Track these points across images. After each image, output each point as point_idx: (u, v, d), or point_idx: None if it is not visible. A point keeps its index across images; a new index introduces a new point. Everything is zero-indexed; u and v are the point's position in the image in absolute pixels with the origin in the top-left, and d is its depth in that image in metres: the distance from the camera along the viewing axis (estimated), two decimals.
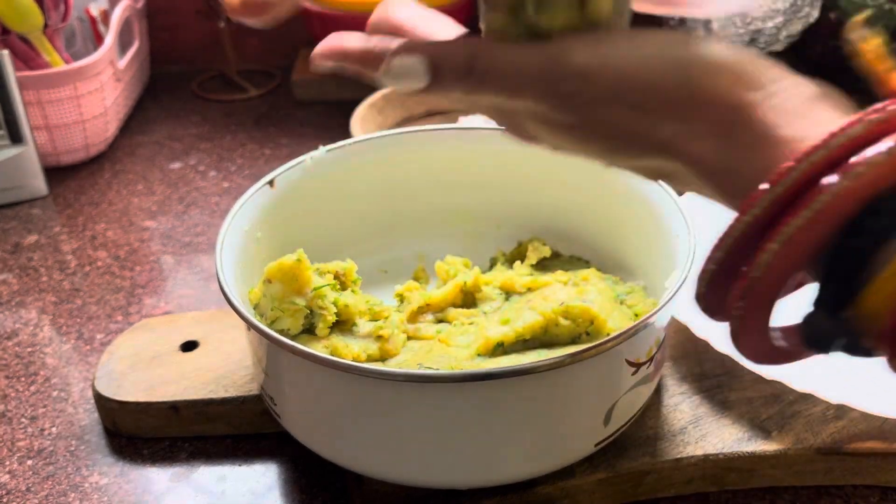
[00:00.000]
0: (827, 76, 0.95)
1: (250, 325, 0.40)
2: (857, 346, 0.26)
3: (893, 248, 0.24)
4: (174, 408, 0.50)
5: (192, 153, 0.87)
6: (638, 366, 0.42)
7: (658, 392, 0.49)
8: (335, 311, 0.46)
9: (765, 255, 0.25)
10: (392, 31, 0.37)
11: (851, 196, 0.24)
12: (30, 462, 0.50)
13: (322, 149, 0.54)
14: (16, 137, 0.75)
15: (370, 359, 0.45)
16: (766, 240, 0.25)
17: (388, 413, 0.40)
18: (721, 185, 0.28)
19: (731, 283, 0.27)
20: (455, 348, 0.45)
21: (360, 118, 0.78)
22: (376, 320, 0.47)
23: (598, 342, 0.38)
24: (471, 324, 0.47)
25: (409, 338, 0.47)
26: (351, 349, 0.44)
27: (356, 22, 1.02)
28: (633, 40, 0.29)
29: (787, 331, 0.29)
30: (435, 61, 0.31)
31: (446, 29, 0.35)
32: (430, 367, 0.43)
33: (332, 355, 0.42)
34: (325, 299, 0.45)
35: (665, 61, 0.28)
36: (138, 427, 0.51)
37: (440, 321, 0.49)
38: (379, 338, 0.45)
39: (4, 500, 0.47)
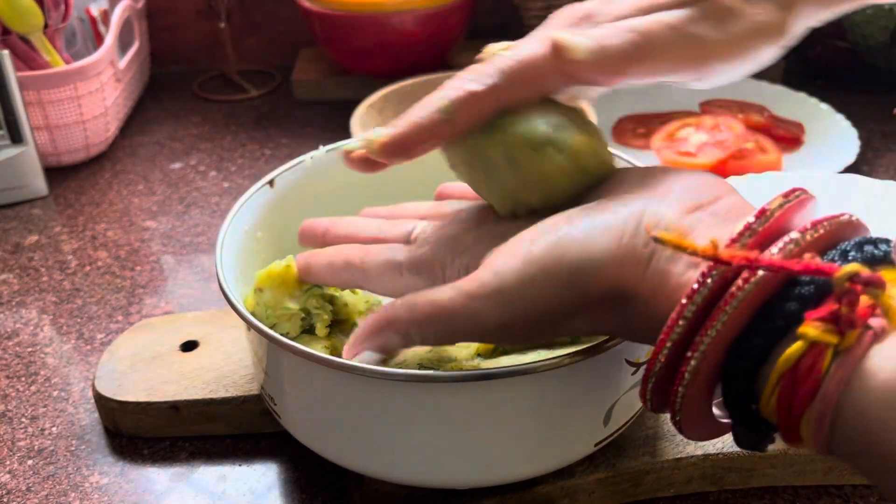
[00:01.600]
0: (827, 76, 0.95)
1: (250, 325, 0.40)
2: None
3: (766, 373, 0.29)
4: (174, 408, 0.50)
5: (193, 153, 0.87)
6: (638, 366, 0.42)
7: None
8: (331, 309, 0.46)
9: (680, 390, 0.31)
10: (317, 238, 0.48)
11: (717, 347, 0.29)
12: (30, 462, 0.50)
13: (322, 149, 0.54)
14: (16, 137, 0.76)
15: None
16: (677, 381, 0.30)
17: (388, 413, 0.40)
18: (637, 340, 0.36)
19: (667, 392, 0.32)
20: (455, 348, 0.45)
21: (360, 118, 0.78)
22: None
23: (598, 342, 0.38)
24: None
25: None
26: None
27: (356, 22, 1.03)
28: (523, 272, 0.34)
29: (723, 406, 0.32)
30: (379, 348, 0.37)
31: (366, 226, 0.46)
32: (430, 367, 0.43)
33: (332, 355, 0.42)
34: (319, 299, 0.45)
35: (557, 287, 0.33)
36: (138, 427, 0.51)
37: None
38: None
39: (4, 499, 0.47)
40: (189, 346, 0.54)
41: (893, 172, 0.78)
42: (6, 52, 0.73)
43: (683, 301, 0.30)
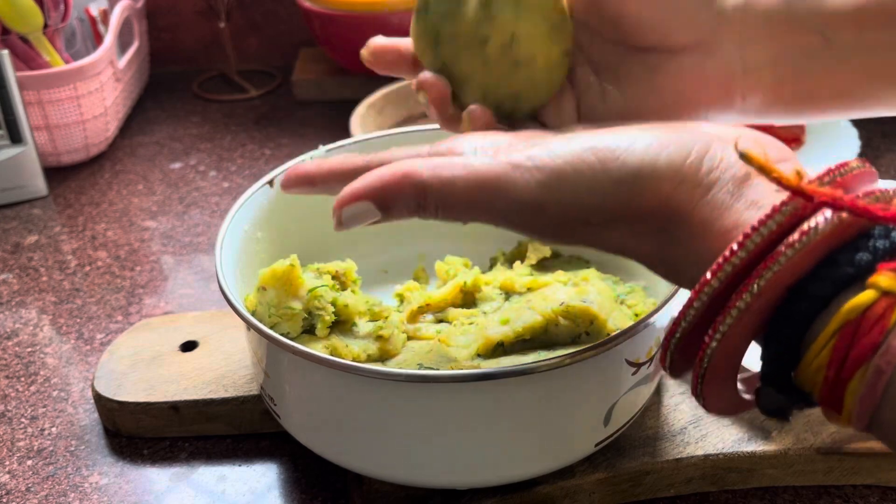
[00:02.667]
0: None
1: (250, 326, 0.40)
2: (810, 407, 0.28)
3: (817, 328, 0.26)
4: (174, 408, 0.50)
5: (193, 153, 0.87)
6: (638, 366, 0.42)
7: (658, 392, 0.49)
8: (333, 310, 0.46)
9: (713, 344, 0.28)
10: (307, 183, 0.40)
11: (773, 287, 0.27)
12: (30, 462, 0.50)
13: (322, 149, 0.54)
14: (16, 137, 0.75)
15: (370, 359, 0.45)
16: (712, 330, 0.28)
17: (388, 413, 0.40)
18: (668, 276, 0.32)
19: (695, 349, 0.29)
20: (455, 348, 0.45)
21: (360, 118, 0.78)
22: (376, 320, 0.47)
23: (598, 342, 0.38)
24: (471, 324, 0.47)
25: (409, 338, 0.47)
26: (351, 349, 0.44)
27: (356, 22, 1.03)
28: (577, 161, 0.31)
29: (749, 382, 0.31)
30: (384, 202, 0.32)
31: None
32: (430, 367, 0.43)
33: (332, 355, 0.42)
34: (322, 300, 0.45)
35: (608, 183, 0.30)
36: (138, 427, 0.51)
37: (440, 321, 0.49)
38: (379, 338, 0.45)
39: (4, 500, 0.47)
40: (189, 346, 0.54)
41: (894, 172, 0.78)
42: (6, 51, 0.73)
43: (748, 231, 0.27)
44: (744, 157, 0.27)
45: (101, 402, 0.51)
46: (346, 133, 0.77)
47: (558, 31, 0.38)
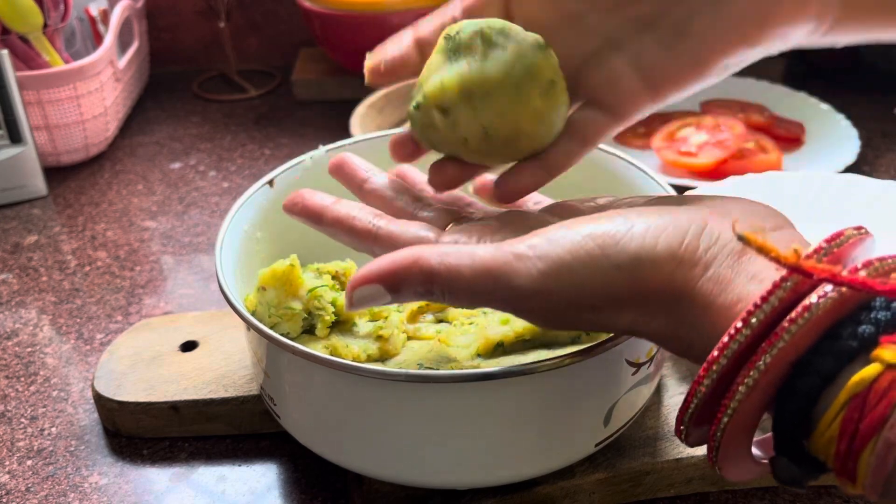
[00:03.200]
0: (827, 76, 0.95)
1: (250, 326, 0.40)
2: (825, 474, 0.29)
3: (826, 401, 0.27)
4: (174, 408, 0.50)
5: (192, 153, 0.87)
6: (638, 366, 0.42)
7: (658, 392, 0.49)
8: (333, 310, 0.46)
9: (724, 420, 0.29)
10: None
11: (778, 364, 0.27)
12: (29, 462, 0.50)
13: (322, 149, 0.54)
14: (16, 137, 0.75)
15: (370, 359, 0.45)
16: (722, 407, 0.29)
17: (388, 413, 0.40)
18: (678, 352, 0.32)
19: (708, 420, 0.30)
20: (455, 348, 0.45)
21: (360, 118, 0.78)
22: (376, 320, 0.47)
23: (598, 342, 0.38)
24: (471, 324, 0.47)
25: (409, 338, 0.47)
26: (351, 349, 0.44)
27: (356, 22, 1.03)
28: (579, 250, 0.32)
29: (764, 445, 0.31)
30: (394, 286, 0.33)
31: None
32: (430, 367, 0.43)
33: (332, 355, 0.42)
34: (322, 300, 0.45)
35: (609, 268, 0.31)
36: (138, 427, 0.51)
37: (440, 321, 0.49)
38: (379, 338, 0.45)
39: (4, 500, 0.47)
40: (189, 346, 0.54)
41: (894, 172, 0.78)
42: (5, 51, 0.73)
43: (751, 308, 0.28)
44: (742, 239, 0.28)
45: (101, 402, 0.51)
46: (346, 133, 0.77)
47: (541, 95, 0.39)
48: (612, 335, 0.39)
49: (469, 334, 0.45)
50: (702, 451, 0.45)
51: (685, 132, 0.80)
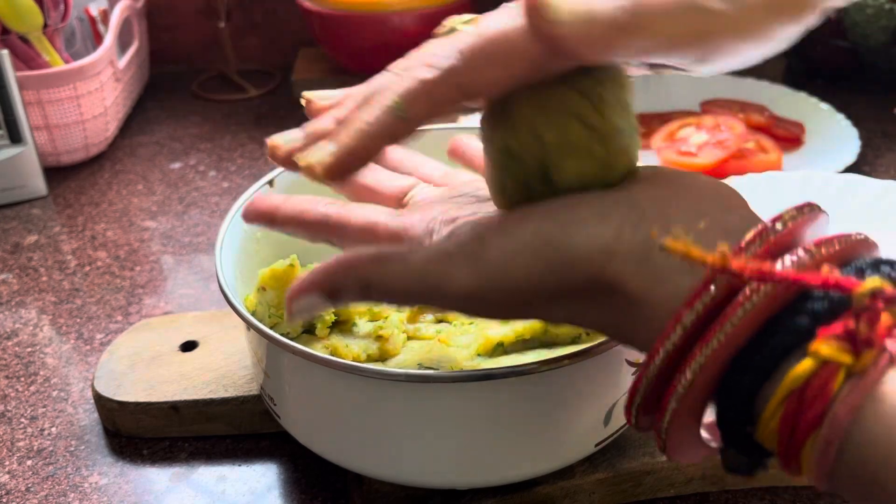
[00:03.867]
0: (827, 76, 0.95)
1: (250, 325, 0.40)
2: (772, 459, 0.28)
3: (766, 394, 0.27)
4: (174, 408, 0.50)
5: (192, 153, 0.87)
6: (638, 366, 0.42)
7: None
8: (333, 310, 0.46)
9: (666, 417, 0.29)
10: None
11: (714, 362, 0.27)
12: (29, 462, 0.50)
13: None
14: (16, 137, 0.75)
15: (370, 359, 0.45)
16: (662, 405, 0.28)
17: (388, 413, 0.40)
18: (620, 340, 0.33)
19: (654, 413, 0.30)
20: (455, 348, 0.45)
21: None
22: (376, 320, 0.47)
23: (598, 342, 0.38)
24: (471, 324, 0.47)
25: (409, 338, 0.47)
26: (351, 349, 0.44)
27: (356, 22, 1.03)
28: (508, 245, 0.31)
29: (712, 428, 0.30)
30: (332, 293, 0.34)
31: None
32: (430, 367, 0.43)
33: (332, 355, 0.42)
34: None
35: (542, 268, 0.30)
36: (138, 427, 0.51)
37: (440, 321, 0.49)
38: (379, 338, 0.45)
39: (4, 500, 0.47)
40: (189, 346, 0.54)
41: (894, 172, 0.78)
42: (6, 51, 0.72)
43: (682, 308, 0.27)
44: (664, 249, 0.27)
45: (101, 402, 0.51)
46: None
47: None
48: (613, 338, 0.39)
49: (469, 334, 0.45)
50: None
51: (685, 132, 0.80)
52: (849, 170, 0.73)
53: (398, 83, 0.31)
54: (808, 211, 0.29)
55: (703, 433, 0.31)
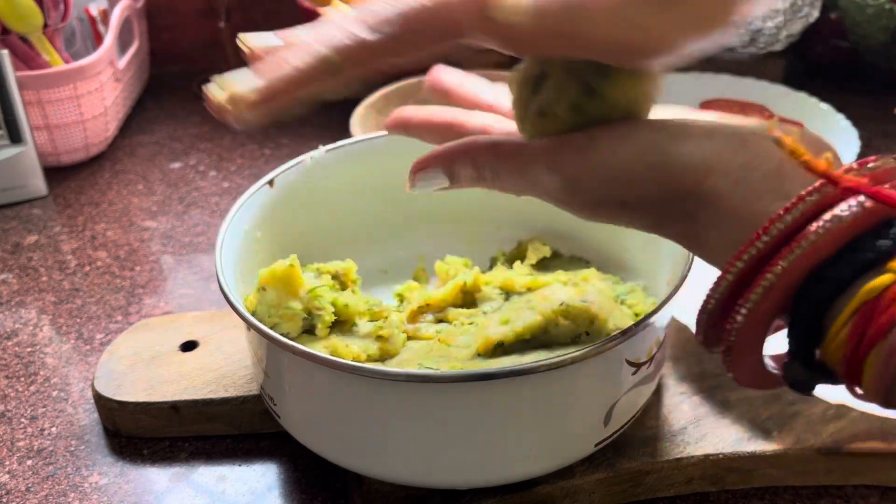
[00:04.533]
0: (827, 76, 0.95)
1: (250, 325, 0.40)
2: (836, 384, 0.30)
3: (838, 308, 0.28)
4: (174, 408, 0.50)
5: (192, 153, 0.87)
6: (638, 366, 0.42)
7: (658, 392, 0.49)
8: (333, 311, 0.46)
9: (739, 318, 0.30)
10: (442, 94, 0.45)
11: (797, 269, 0.28)
12: (29, 462, 0.50)
13: (322, 149, 0.54)
14: (16, 137, 0.75)
15: (370, 359, 0.45)
16: (739, 306, 0.30)
17: (388, 413, 0.40)
18: (700, 254, 0.33)
19: (725, 323, 0.31)
20: (455, 348, 0.45)
21: (360, 118, 0.78)
22: (376, 320, 0.47)
23: (598, 342, 0.38)
24: (471, 324, 0.47)
25: (409, 338, 0.47)
26: (351, 349, 0.44)
27: None
28: (617, 145, 0.33)
29: (778, 359, 0.32)
30: (449, 170, 0.37)
31: (486, 91, 0.43)
32: (430, 367, 0.43)
33: (332, 355, 0.42)
34: (322, 300, 0.45)
35: (644, 166, 0.32)
36: (138, 427, 0.51)
37: (440, 321, 0.49)
38: (379, 338, 0.45)
39: (4, 500, 0.47)
40: (189, 346, 0.54)
41: None
42: (5, 51, 0.72)
43: (779, 213, 0.29)
44: (777, 141, 0.28)
45: (101, 402, 0.51)
46: (346, 133, 0.77)
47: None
48: (612, 336, 0.39)
49: (469, 334, 0.45)
50: (702, 450, 0.45)
51: None
52: None
53: (335, 37, 0.33)
54: None
55: (768, 361, 0.32)
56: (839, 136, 0.79)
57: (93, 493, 0.48)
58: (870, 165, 0.29)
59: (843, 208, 0.28)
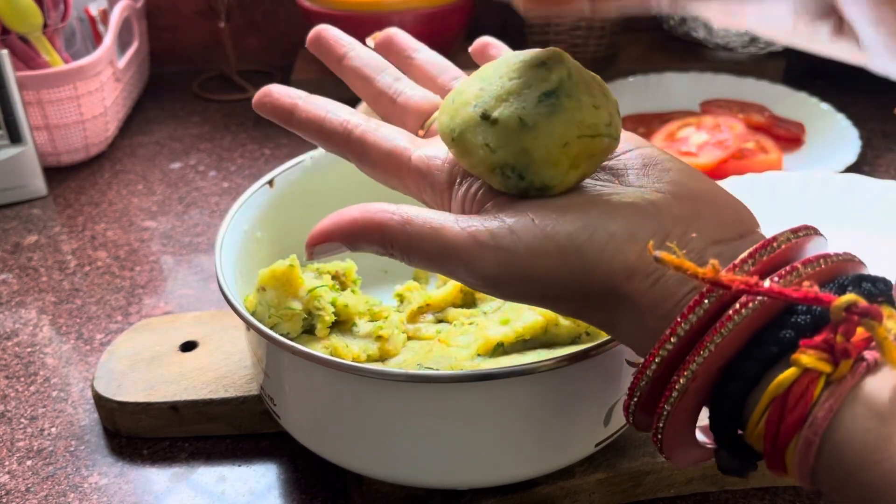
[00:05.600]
0: (827, 76, 0.95)
1: (250, 326, 0.40)
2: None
3: (753, 400, 0.29)
4: (174, 408, 0.50)
5: (192, 153, 0.87)
6: (637, 366, 0.42)
7: None
8: (333, 311, 0.46)
9: (660, 424, 0.31)
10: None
11: (707, 370, 0.29)
12: (29, 462, 0.50)
13: (321, 148, 0.54)
14: (15, 137, 0.75)
15: (370, 359, 0.45)
16: (658, 409, 0.31)
17: (388, 413, 0.40)
18: (622, 341, 0.34)
19: (653, 410, 0.31)
20: (455, 348, 0.45)
21: None
22: (376, 320, 0.47)
23: (598, 342, 0.38)
24: (471, 324, 0.47)
25: (409, 338, 0.47)
26: (351, 349, 0.44)
27: (356, 22, 1.03)
28: (538, 246, 0.32)
29: (709, 433, 0.32)
30: (353, 243, 0.34)
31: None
32: (430, 367, 0.43)
33: (332, 355, 0.42)
34: (322, 300, 0.45)
35: (566, 272, 0.32)
36: (138, 427, 0.51)
37: (440, 321, 0.49)
38: (379, 338, 0.45)
39: (4, 500, 0.47)
40: (188, 346, 0.54)
41: (894, 172, 0.78)
42: (5, 51, 0.72)
43: (678, 319, 0.29)
44: (659, 260, 0.29)
45: (101, 403, 0.51)
46: None
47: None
48: (611, 336, 0.39)
49: (469, 334, 0.45)
50: None
51: (685, 132, 0.80)
52: (849, 170, 0.73)
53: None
54: (804, 234, 0.31)
55: (699, 435, 0.33)
56: (839, 136, 0.79)
57: (92, 493, 0.48)
58: (760, 254, 0.30)
59: (742, 303, 0.28)
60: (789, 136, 0.82)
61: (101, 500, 0.47)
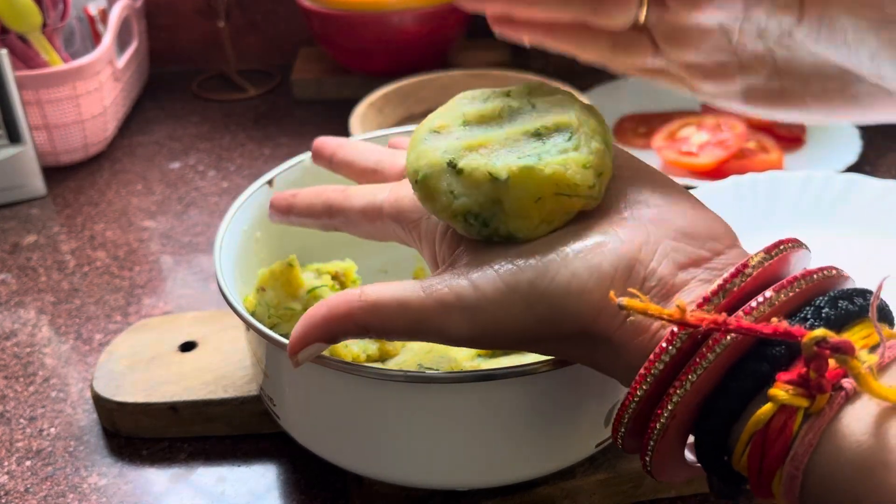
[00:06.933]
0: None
1: (249, 326, 0.40)
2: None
3: (736, 432, 0.29)
4: (173, 408, 0.50)
5: (192, 153, 0.87)
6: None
7: None
8: None
9: (646, 458, 0.31)
10: (326, 161, 0.48)
11: (685, 407, 0.29)
12: (28, 463, 0.50)
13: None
14: (14, 137, 0.75)
15: (370, 359, 0.45)
16: (643, 444, 0.31)
17: (388, 413, 0.39)
18: (606, 374, 0.34)
19: (640, 439, 0.31)
20: (455, 349, 0.44)
21: (360, 117, 0.78)
22: None
23: None
24: None
25: None
26: (351, 349, 0.44)
27: (356, 21, 1.03)
28: (504, 298, 0.33)
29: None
30: (331, 338, 0.35)
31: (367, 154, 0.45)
32: (429, 368, 0.43)
33: (332, 355, 0.42)
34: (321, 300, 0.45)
35: (535, 320, 0.32)
36: (137, 427, 0.50)
37: None
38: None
39: (3, 500, 0.47)
40: (188, 346, 0.54)
41: (895, 172, 0.77)
42: (4, 51, 0.72)
43: (651, 358, 0.29)
44: (623, 307, 0.29)
45: (100, 403, 0.51)
46: (345, 132, 0.77)
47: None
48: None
49: None
50: None
51: (686, 132, 0.80)
52: (850, 170, 0.73)
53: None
54: (778, 252, 0.31)
55: (689, 455, 0.33)
56: (841, 136, 0.79)
57: (92, 493, 0.48)
58: (731, 284, 0.29)
59: (712, 345, 0.28)
60: (790, 136, 0.82)
61: (100, 501, 0.47)
